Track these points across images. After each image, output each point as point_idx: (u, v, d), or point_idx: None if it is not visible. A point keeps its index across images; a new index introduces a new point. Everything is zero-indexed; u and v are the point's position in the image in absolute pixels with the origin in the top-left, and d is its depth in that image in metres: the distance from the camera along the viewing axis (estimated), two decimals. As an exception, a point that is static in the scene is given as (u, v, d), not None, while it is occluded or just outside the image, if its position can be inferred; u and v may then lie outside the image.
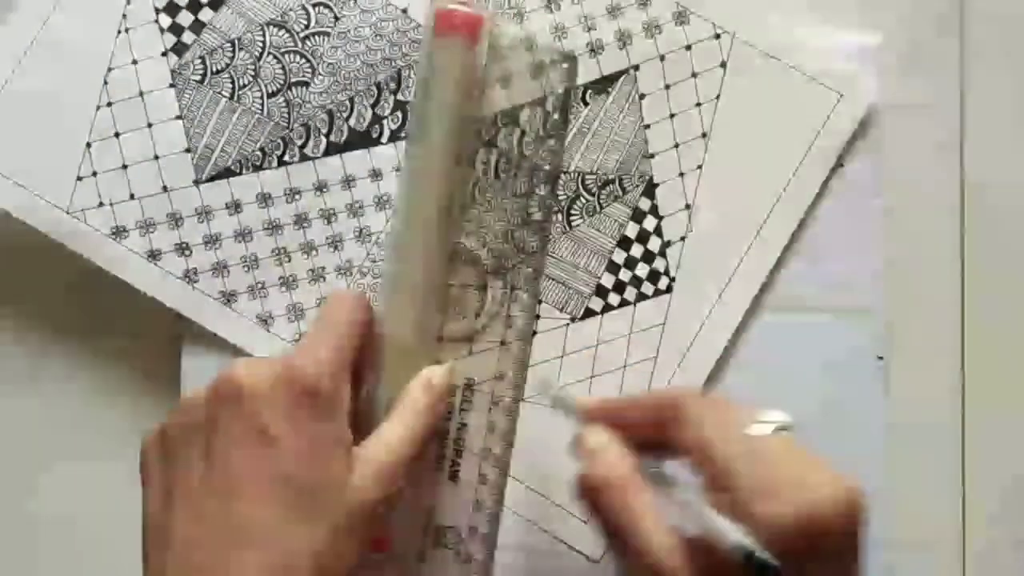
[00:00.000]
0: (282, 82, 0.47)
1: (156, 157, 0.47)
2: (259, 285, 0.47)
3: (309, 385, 0.38)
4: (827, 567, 0.35)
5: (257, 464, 0.36)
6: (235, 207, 0.47)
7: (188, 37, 0.47)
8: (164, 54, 0.47)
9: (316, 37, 0.47)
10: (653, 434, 0.39)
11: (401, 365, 0.43)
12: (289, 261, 0.47)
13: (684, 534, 0.36)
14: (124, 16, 0.47)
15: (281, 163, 0.47)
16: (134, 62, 0.47)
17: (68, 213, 0.47)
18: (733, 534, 0.34)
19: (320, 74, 0.47)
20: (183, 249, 0.47)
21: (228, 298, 0.47)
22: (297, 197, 0.47)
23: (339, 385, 0.39)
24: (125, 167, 0.47)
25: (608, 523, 0.37)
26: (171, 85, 0.47)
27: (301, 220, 0.47)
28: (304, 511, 0.36)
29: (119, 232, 0.47)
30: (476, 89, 0.45)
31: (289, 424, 0.37)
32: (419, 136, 0.45)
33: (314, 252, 0.48)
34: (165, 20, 0.47)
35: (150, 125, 0.47)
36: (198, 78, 0.47)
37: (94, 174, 0.47)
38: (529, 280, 0.47)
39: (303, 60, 0.47)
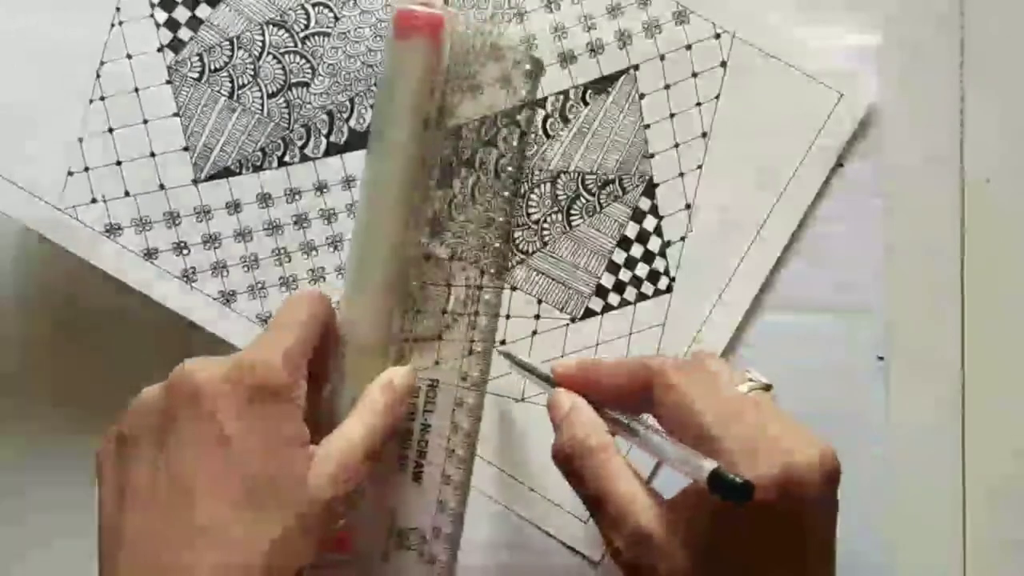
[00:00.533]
0: (282, 82, 0.47)
1: (152, 155, 0.47)
2: (259, 285, 0.47)
3: (263, 383, 0.38)
4: (808, 524, 0.35)
5: (211, 463, 0.36)
6: (235, 207, 0.47)
7: (185, 34, 0.47)
8: (160, 50, 0.47)
9: (316, 37, 0.47)
10: (629, 399, 0.40)
11: (363, 365, 0.43)
12: (289, 261, 0.47)
13: (660, 494, 0.37)
14: (118, 9, 0.47)
15: (281, 163, 0.47)
16: (128, 56, 0.47)
17: (59, 209, 0.47)
18: (704, 462, 0.34)
19: (320, 74, 0.47)
20: (181, 248, 0.47)
21: (228, 298, 0.47)
22: (297, 197, 0.47)
23: (294, 383, 0.39)
24: (119, 163, 0.47)
25: (584, 489, 0.38)
26: (167, 82, 0.47)
27: (301, 220, 0.47)
28: (258, 509, 0.36)
29: (113, 230, 0.47)
30: (439, 90, 0.45)
31: (243, 422, 0.37)
32: (381, 137, 0.45)
33: (314, 252, 0.47)
34: (161, 15, 0.47)
35: (146, 122, 0.47)
36: (195, 75, 0.47)
37: (86, 169, 0.47)
38: (493, 280, 0.47)
39: (303, 60, 0.47)
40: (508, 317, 0.47)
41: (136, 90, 0.47)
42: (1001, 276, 0.48)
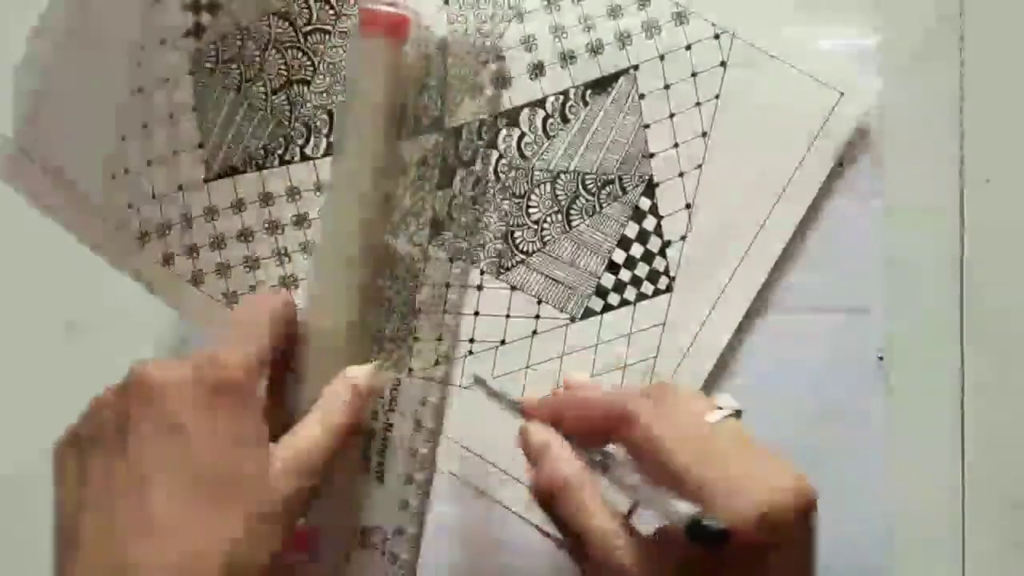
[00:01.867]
0: (284, 78, 0.47)
1: (175, 153, 0.47)
2: (260, 285, 0.47)
3: (221, 379, 0.38)
4: (786, 556, 0.36)
5: (167, 459, 0.36)
6: (239, 206, 0.47)
7: (205, 18, 0.47)
8: (186, 35, 0.47)
9: (317, 34, 0.47)
10: (599, 434, 0.40)
11: (326, 364, 0.43)
12: (290, 261, 0.48)
13: (638, 527, 0.37)
14: None
15: (283, 162, 0.47)
16: (162, 42, 0.47)
17: (103, 219, 0.46)
18: (681, 506, 0.34)
19: (321, 73, 0.47)
20: (192, 251, 0.47)
21: (230, 299, 0.47)
22: (297, 197, 0.47)
23: (254, 380, 0.39)
24: (150, 163, 0.47)
25: (565, 529, 0.38)
26: (190, 72, 0.47)
27: (301, 220, 0.47)
28: (217, 507, 0.36)
29: (144, 237, 0.47)
30: (403, 88, 0.45)
31: (200, 418, 0.37)
32: (345, 136, 0.45)
33: (314, 252, 0.48)
34: None
35: (171, 116, 0.47)
36: (211, 66, 0.47)
37: (126, 172, 0.47)
38: (457, 278, 0.47)
39: (304, 57, 0.47)
40: (508, 317, 0.47)
41: (166, 80, 0.47)
42: (1001, 276, 0.48)
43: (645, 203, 0.47)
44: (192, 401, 0.37)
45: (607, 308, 0.47)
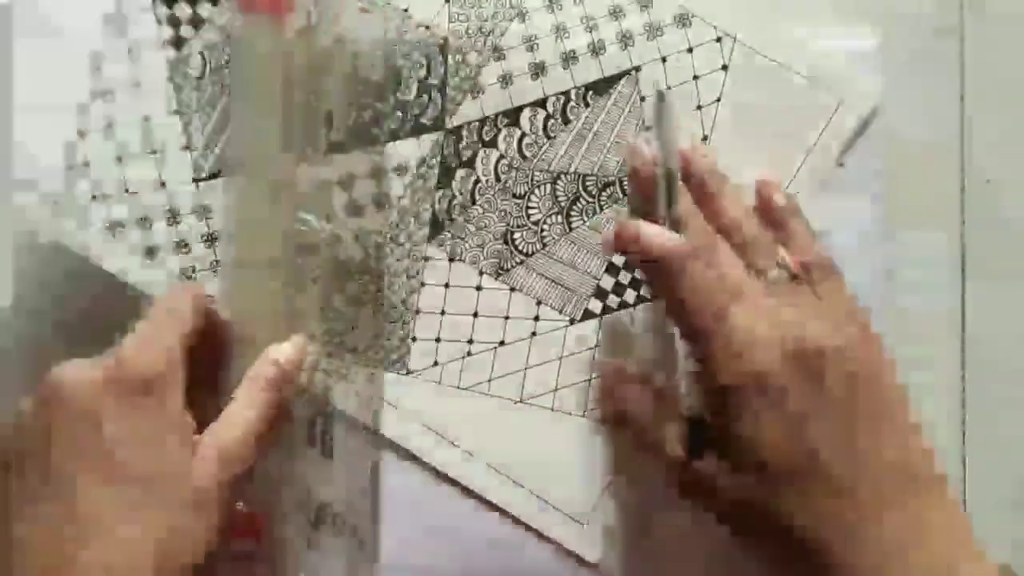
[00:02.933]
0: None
1: (153, 152, 0.47)
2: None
3: (137, 376, 0.38)
4: (773, 400, 0.38)
5: (89, 462, 0.36)
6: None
7: (186, 31, 0.47)
8: (163, 47, 0.47)
9: (313, 35, 0.47)
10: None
11: (249, 348, 0.43)
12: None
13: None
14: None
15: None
16: (129, 51, 0.47)
17: (57, 204, 0.46)
18: (685, 398, 0.38)
19: (318, 73, 0.47)
20: (181, 247, 0.47)
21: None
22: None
23: (171, 373, 0.39)
24: (120, 160, 0.47)
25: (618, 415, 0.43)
26: (169, 79, 0.47)
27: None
28: (143, 501, 0.36)
29: (115, 226, 0.47)
30: (290, 67, 0.45)
31: (122, 418, 0.37)
32: (235, 118, 0.45)
33: (313, 254, 0.47)
34: (161, 11, 0.47)
35: (147, 119, 0.47)
36: (196, 74, 0.47)
37: (86, 164, 0.46)
38: (379, 251, 0.47)
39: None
40: (507, 318, 0.47)
41: (138, 84, 0.47)
42: (1001, 276, 0.48)
43: (646, 204, 0.47)
44: (108, 401, 0.37)
45: (606, 310, 0.47)
